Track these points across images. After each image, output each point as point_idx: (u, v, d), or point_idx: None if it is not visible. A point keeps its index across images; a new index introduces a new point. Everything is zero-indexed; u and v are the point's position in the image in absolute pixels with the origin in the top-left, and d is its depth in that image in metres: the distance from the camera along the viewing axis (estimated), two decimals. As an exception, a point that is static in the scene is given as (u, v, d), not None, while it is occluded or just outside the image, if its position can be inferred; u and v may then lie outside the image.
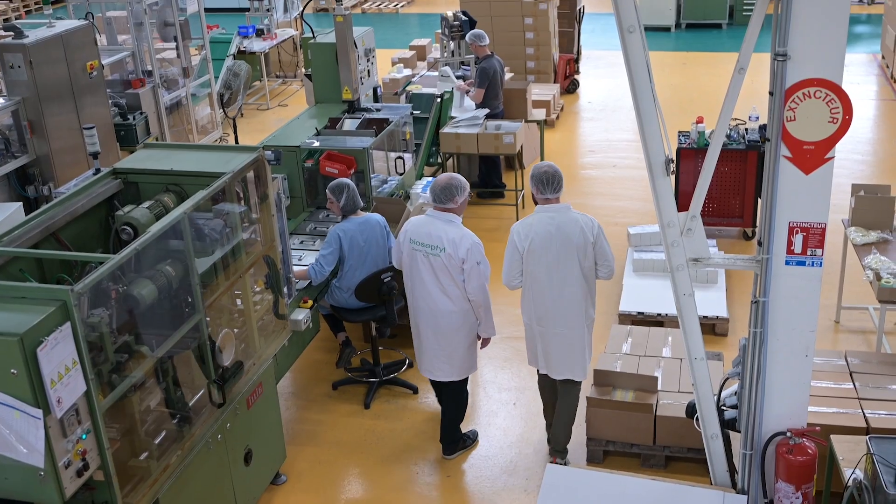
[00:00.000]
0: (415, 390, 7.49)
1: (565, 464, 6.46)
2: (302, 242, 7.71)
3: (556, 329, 6.18)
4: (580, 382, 6.37)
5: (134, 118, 10.63)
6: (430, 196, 6.43)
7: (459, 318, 6.34)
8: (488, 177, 10.83)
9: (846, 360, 6.44)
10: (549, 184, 6.07)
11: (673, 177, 6.94)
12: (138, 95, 11.08)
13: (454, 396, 6.68)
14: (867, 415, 5.79)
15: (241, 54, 14.24)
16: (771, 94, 4.36)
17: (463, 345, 6.43)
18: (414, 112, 9.62)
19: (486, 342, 6.66)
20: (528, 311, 6.28)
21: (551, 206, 6.09)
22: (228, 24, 16.10)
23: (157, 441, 5.00)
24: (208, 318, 5.26)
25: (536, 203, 6.18)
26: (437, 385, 6.74)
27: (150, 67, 11.45)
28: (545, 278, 6.07)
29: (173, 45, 12.10)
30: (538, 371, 6.49)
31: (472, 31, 11.07)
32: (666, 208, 4.64)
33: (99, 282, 4.38)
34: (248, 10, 15.69)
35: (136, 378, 4.71)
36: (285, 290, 6.35)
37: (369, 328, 7.52)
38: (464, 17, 11.80)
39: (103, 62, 10.33)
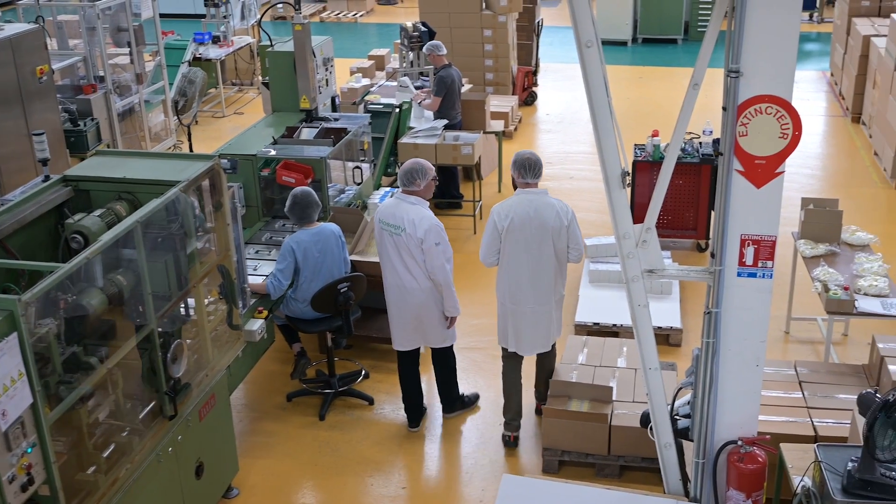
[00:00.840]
0: (370, 401, 7.46)
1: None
2: (257, 252, 7.66)
3: (528, 306, 6.58)
4: (554, 350, 6.93)
5: (85, 124, 10.46)
6: (398, 180, 6.84)
7: (423, 295, 6.72)
8: (446, 187, 10.83)
9: (795, 370, 6.55)
10: (530, 169, 6.51)
11: (629, 189, 7.04)
12: (89, 101, 10.90)
13: (443, 363, 7.11)
14: (815, 423, 5.90)
15: (196, 61, 14.11)
16: (724, 109, 4.41)
17: (434, 319, 6.83)
18: (372, 122, 9.61)
19: (452, 321, 6.92)
20: (502, 290, 6.66)
21: (531, 190, 6.52)
22: (184, 31, 15.96)
23: (105, 454, 4.92)
24: (160, 329, 5.20)
25: (516, 187, 6.59)
26: (410, 374, 7.12)
27: (102, 73, 11.28)
28: (522, 256, 6.47)
29: (127, 50, 11.95)
30: (503, 357, 6.89)
31: (430, 42, 11.10)
32: (622, 220, 4.67)
33: (47, 291, 4.31)
34: (204, 16, 15.57)
35: (85, 390, 4.63)
36: (240, 300, 6.30)
37: (325, 339, 7.48)
38: (423, 28, 11.82)
39: (54, 67, 10.17)
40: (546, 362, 6.99)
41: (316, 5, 22.35)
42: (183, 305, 5.65)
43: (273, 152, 8.22)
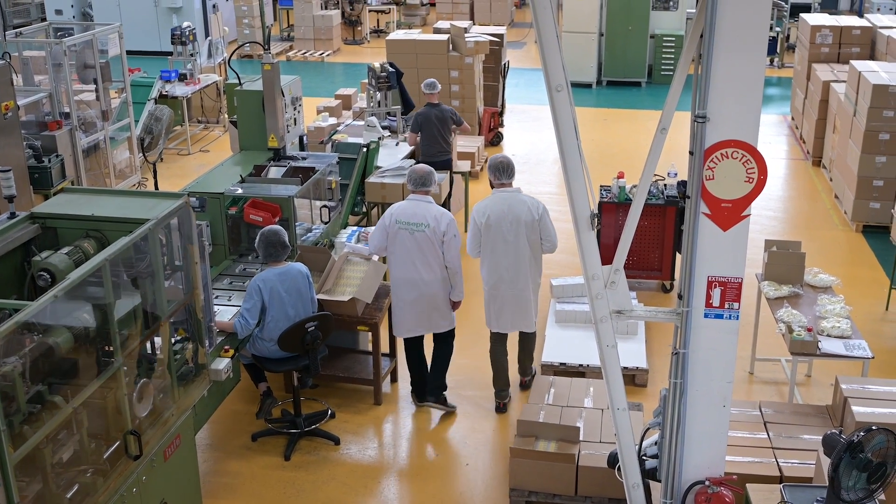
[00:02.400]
0: (336, 441, 7.42)
1: (531, 378, 7.86)
2: (224, 290, 7.62)
3: (508, 290, 7.48)
4: (534, 332, 7.83)
5: (49, 161, 10.38)
6: (408, 184, 7.65)
7: (437, 285, 7.49)
8: None
9: (760, 411, 6.61)
10: (504, 171, 7.46)
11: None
12: (54, 138, 10.84)
13: (445, 344, 7.80)
14: (781, 464, 5.95)
15: (162, 98, 14.08)
16: (691, 153, 4.49)
17: (443, 306, 7.58)
18: (340, 160, 9.64)
19: (456, 305, 7.67)
20: (485, 277, 7.57)
21: (505, 189, 7.45)
22: (151, 68, 15.95)
23: (69, 495, 4.85)
24: (126, 368, 5.16)
25: (493, 188, 7.51)
26: (417, 357, 7.80)
27: (67, 109, 11.23)
28: (500, 247, 7.37)
29: (93, 87, 11.91)
30: (490, 337, 7.74)
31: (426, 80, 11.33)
32: (591, 261, 4.71)
33: (13, 330, 4.27)
34: (171, 54, 15.57)
35: (50, 429, 4.58)
36: (206, 339, 6.26)
37: (291, 378, 7.44)
38: (391, 69, 11.91)
39: (19, 103, 10.10)
40: (527, 342, 7.87)
41: (283, 44, 22.43)
42: (149, 344, 5.61)
43: (240, 191, 8.21)
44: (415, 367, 7.85)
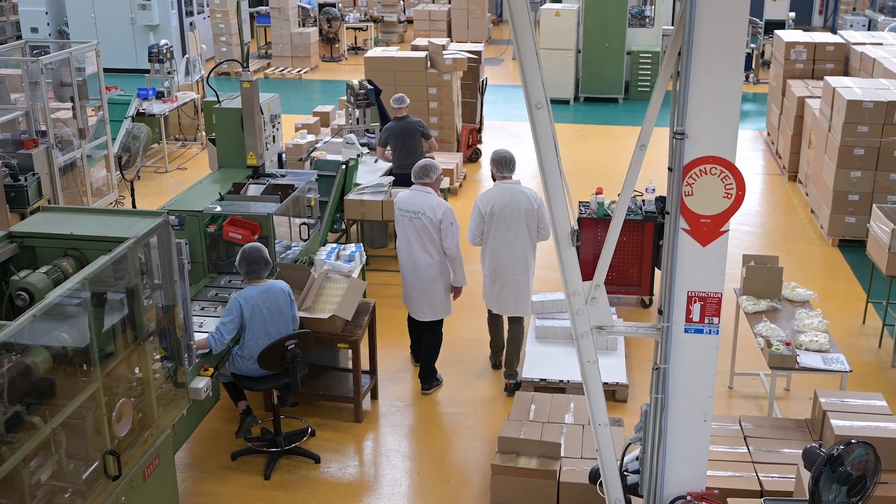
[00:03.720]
0: (317, 460, 7.38)
1: (517, 383, 8.15)
2: (203, 309, 7.59)
3: (508, 276, 8.00)
4: (523, 319, 8.37)
5: (25, 179, 10.32)
6: (412, 176, 8.19)
7: (436, 270, 8.05)
8: None
9: (740, 425, 6.63)
10: (505, 165, 8.08)
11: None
12: (31, 156, 10.76)
13: (432, 335, 8.30)
14: (761, 478, 5.97)
15: (139, 116, 14.04)
16: (670, 169, 4.52)
17: (440, 291, 8.13)
18: (318, 177, 9.65)
19: (458, 292, 8.29)
20: (486, 263, 8.12)
21: (506, 181, 8.04)
22: (128, 86, 15.91)
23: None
24: (104, 387, 5.12)
25: (495, 180, 8.15)
26: (416, 327, 8.44)
27: (44, 127, 11.17)
28: (502, 235, 7.91)
29: (69, 105, 11.85)
30: (488, 315, 8.44)
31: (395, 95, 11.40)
32: (571, 277, 4.73)
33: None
34: (148, 71, 15.53)
35: (28, 450, 4.53)
36: (185, 357, 6.22)
37: (271, 396, 7.41)
38: (369, 86, 11.93)
39: (-6, 121, 10.07)
40: (516, 336, 8.30)
41: (261, 61, 22.43)
42: (128, 363, 5.57)
43: (219, 208, 8.18)
44: (413, 340, 8.75)
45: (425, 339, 8.33)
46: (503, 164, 8.08)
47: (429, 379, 8.36)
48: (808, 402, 7.61)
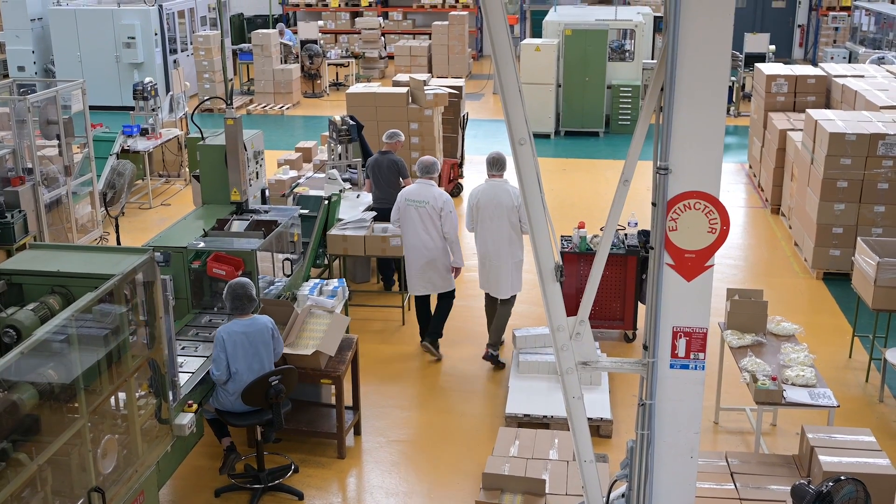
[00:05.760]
0: (300, 496, 7.33)
1: (497, 355, 9.31)
2: (186, 346, 7.55)
3: (493, 262, 9.12)
4: (512, 300, 9.34)
5: (12, 216, 10.30)
6: (417, 171, 9.53)
7: (436, 251, 9.30)
8: (385, 269, 11.14)
9: (727, 461, 6.61)
10: (493, 165, 9.11)
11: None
12: (17, 193, 10.75)
13: (444, 301, 9.56)
14: (748, 515, 5.94)
15: (124, 153, 14.04)
16: (654, 204, 4.54)
17: (442, 270, 9.38)
18: (302, 213, 9.66)
19: (457, 272, 9.50)
20: (478, 249, 9.27)
21: (495, 180, 9.10)
22: (112, 123, 15.91)
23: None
24: (90, 424, 5.08)
25: (488, 177, 9.17)
26: (422, 301, 9.69)
27: (30, 165, 11.15)
28: (487, 225, 9.04)
29: (55, 142, 11.84)
30: (485, 297, 9.53)
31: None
32: (556, 313, 4.73)
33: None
34: (133, 108, 15.55)
35: (14, 487, 4.49)
36: (170, 393, 6.19)
37: (254, 432, 7.36)
38: (351, 122, 11.97)
39: (-19, 159, 10.04)
40: (502, 312, 9.35)
41: (243, 98, 22.48)
42: (113, 399, 5.54)
43: (203, 244, 8.17)
44: (421, 319, 9.76)
45: (438, 304, 9.57)
46: (492, 164, 9.11)
47: (434, 336, 9.50)
48: (795, 437, 7.61)
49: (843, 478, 4.51)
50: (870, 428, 6.52)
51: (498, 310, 9.36)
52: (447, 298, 9.59)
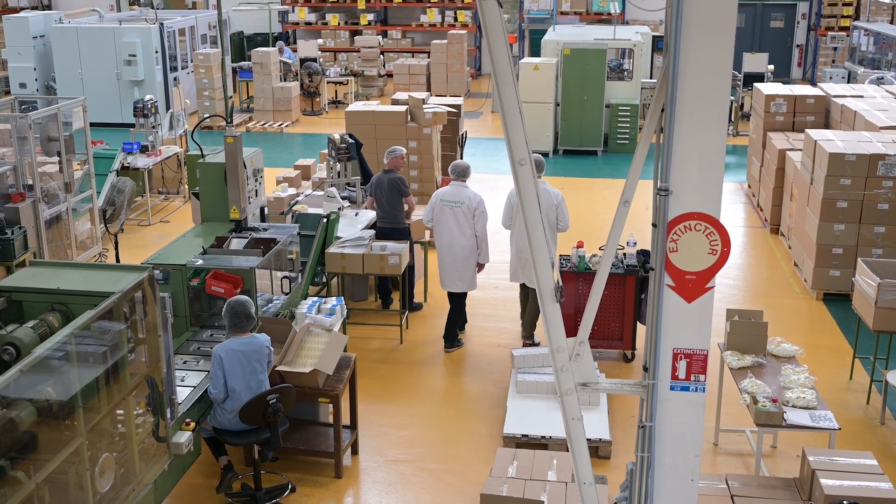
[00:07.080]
0: (298, 516, 7.30)
1: (535, 344, 10.06)
2: (185, 362, 7.53)
3: (528, 255, 8.72)
4: None
5: (12, 233, 10.30)
6: (451, 175, 10.22)
7: (468, 250, 10.05)
8: (383, 288, 11.13)
9: (727, 484, 6.56)
10: (537, 167, 9.03)
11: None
12: (17, 210, 10.76)
13: (459, 305, 10.30)
14: (749, 538, 5.90)
15: (124, 170, 14.06)
16: (654, 225, 4.54)
17: (470, 267, 10.12)
18: (301, 232, 9.66)
19: (481, 267, 10.26)
20: (513, 244, 10.03)
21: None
22: (113, 140, 15.92)
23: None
24: (88, 442, 5.06)
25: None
26: (450, 297, 10.28)
27: (31, 181, 11.16)
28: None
29: (56, 159, 11.85)
30: (521, 287, 10.25)
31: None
32: (555, 333, 4.72)
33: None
34: (133, 126, 15.57)
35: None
36: (168, 412, 6.16)
37: (252, 451, 7.33)
38: (350, 140, 11.98)
39: (-18, 176, 10.04)
40: (535, 300, 10.25)
41: (243, 115, 22.52)
42: (112, 417, 5.52)
43: (202, 262, 8.16)
44: (455, 316, 10.40)
45: (451, 308, 10.23)
46: (539, 166, 9.56)
47: (451, 339, 10.18)
48: (795, 459, 7.58)
49: (844, 502, 4.48)
50: (871, 451, 6.49)
51: (530, 298, 9.99)
52: (461, 304, 10.31)
